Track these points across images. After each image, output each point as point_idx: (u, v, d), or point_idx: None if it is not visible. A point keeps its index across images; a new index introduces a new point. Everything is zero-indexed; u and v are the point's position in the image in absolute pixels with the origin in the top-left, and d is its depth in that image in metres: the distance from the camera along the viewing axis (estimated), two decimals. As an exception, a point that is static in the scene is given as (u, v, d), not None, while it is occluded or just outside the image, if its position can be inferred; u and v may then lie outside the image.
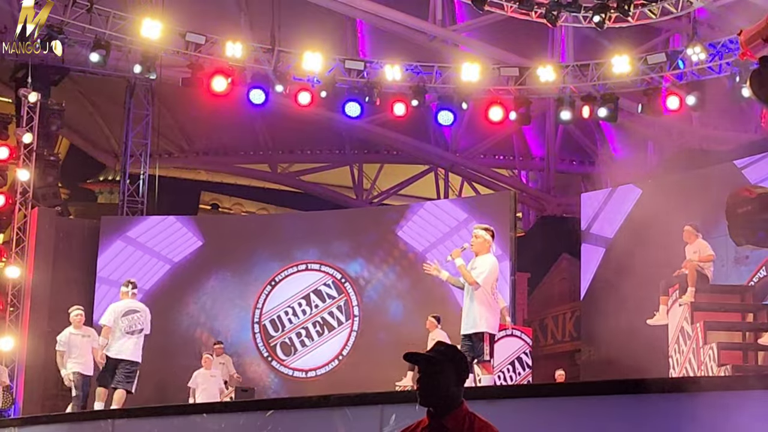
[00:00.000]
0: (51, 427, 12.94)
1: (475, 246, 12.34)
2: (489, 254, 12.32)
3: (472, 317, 12.02)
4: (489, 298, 12.05)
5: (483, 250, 12.30)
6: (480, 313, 11.98)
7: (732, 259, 20.34)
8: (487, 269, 12.10)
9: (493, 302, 12.14)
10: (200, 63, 24.06)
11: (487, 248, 12.32)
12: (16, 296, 22.80)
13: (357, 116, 25.27)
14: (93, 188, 36.79)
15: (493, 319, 12.07)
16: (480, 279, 12.01)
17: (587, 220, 23.79)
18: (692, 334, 16.29)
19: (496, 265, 12.26)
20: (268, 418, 9.65)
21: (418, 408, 5.53)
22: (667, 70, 23.48)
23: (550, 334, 28.58)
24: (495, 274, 12.20)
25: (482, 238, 12.31)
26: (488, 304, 12.03)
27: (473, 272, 12.11)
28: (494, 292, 12.21)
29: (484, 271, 12.07)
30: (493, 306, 12.13)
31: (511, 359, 20.12)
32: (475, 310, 12.01)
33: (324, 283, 24.59)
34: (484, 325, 11.95)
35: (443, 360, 5.47)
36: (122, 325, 16.52)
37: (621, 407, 7.25)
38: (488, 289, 12.05)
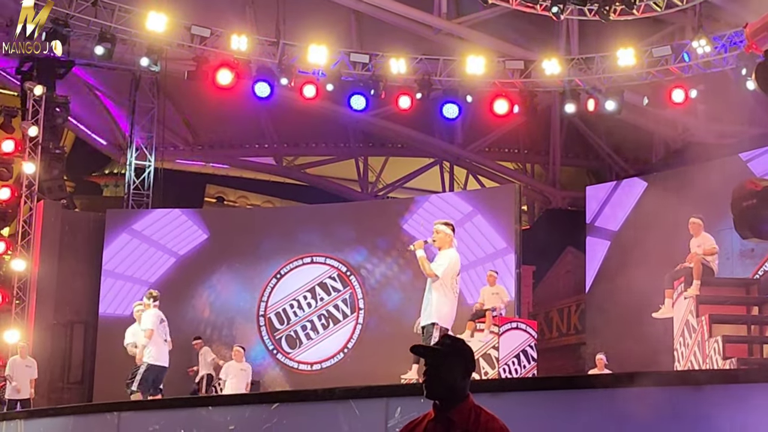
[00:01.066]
0: (57, 419, 12.97)
1: (437, 241, 12.38)
2: (451, 248, 12.36)
3: (427, 309, 12.08)
4: (447, 291, 12.09)
5: (445, 245, 12.34)
6: (436, 304, 12.04)
7: (737, 253, 20.34)
8: (446, 263, 12.14)
9: (451, 295, 12.15)
10: (205, 56, 24.07)
11: (449, 242, 12.36)
12: (22, 289, 22.84)
13: (362, 109, 25.28)
14: (98, 181, 36.83)
15: (447, 312, 12.11)
16: (439, 271, 12.05)
17: (592, 213, 23.79)
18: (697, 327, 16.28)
19: (457, 259, 12.31)
20: (273, 411, 9.67)
21: (423, 401, 5.53)
22: (672, 63, 23.45)
23: (555, 327, 28.58)
24: (455, 268, 12.25)
25: (443, 233, 12.37)
26: (445, 297, 12.07)
27: (433, 265, 12.09)
28: (454, 287, 12.22)
29: (443, 264, 12.12)
30: (450, 299, 12.15)
31: (516, 352, 20.10)
32: (431, 302, 12.08)
33: (329, 276, 24.62)
34: (435, 316, 12.00)
35: (450, 353, 5.47)
36: (161, 332, 16.58)
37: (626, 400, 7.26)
38: (447, 283, 12.08)
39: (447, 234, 12.37)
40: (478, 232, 23.66)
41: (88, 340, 24.02)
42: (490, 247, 23.40)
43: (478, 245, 23.59)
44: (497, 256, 23.10)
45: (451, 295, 12.15)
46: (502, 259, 22.97)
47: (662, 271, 18.17)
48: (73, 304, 24.16)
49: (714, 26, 24.08)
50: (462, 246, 23.64)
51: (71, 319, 23.87)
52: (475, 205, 24.03)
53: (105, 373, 23.25)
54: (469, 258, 23.61)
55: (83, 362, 23.92)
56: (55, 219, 24.05)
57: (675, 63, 23.41)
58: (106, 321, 23.93)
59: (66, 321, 23.83)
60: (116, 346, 23.48)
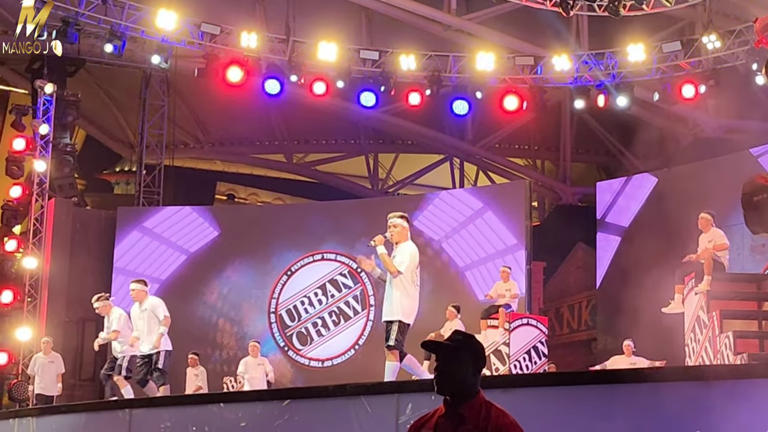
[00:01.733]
0: (69, 416, 13.01)
1: (394, 236, 12.23)
2: (408, 242, 12.24)
3: (389, 305, 12.01)
4: (408, 286, 12.00)
5: (402, 238, 12.22)
6: (398, 300, 11.95)
7: (748, 248, 20.31)
8: (407, 258, 12.03)
9: (412, 290, 12.08)
10: (215, 53, 24.09)
11: (406, 236, 12.26)
12: (34, 287, 22.91)
13: (372, 106, 25.26)
14: (109, 179, 36.87)
15: (409, 308, 12.04)
16: (402, 268, 11.95)
17: (603, 209, 23.77)
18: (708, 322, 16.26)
19: (415, 252, 12.20)
20: (284, 408, 9.69)
21: (434, 397, 5.55)
22: (682, 59, 23.42)
23: (566, 323, 28.58)
24: (415, 261, 12.14)
25: (400, 227, 12.25)
26: (406, 292, 11.99)
27: (394, 260, 12.04)
28: (415, 280, 12.15)
29: (404, 261, 12.00)
30: (411, 294, 12.08)
31: (527, 348, 20.11)
32: (393, 298, 11.99)
33: (340, 272, 24.65)
34: (399, 313, 11.92)
35: (461, 348, 5.48)
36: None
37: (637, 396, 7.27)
38: (408, 277, 12.00)
39: (404, 227, 12.27)
40: (489, 229, 23.68)
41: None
42: (500, 244, 23.41)
43: (488, 241, 23.61)
44: (508, 253, 23.12)
45: (413, 289, 12.07)
46: (512, 256, 22.97)
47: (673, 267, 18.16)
48: (85, 301, 24.03)
49: (724, 21, 24.04)
50: (473, 242, 23.87)
51: (83, 317, 23.88)
52: (486, 202, 24.04)
53: (117, 371, 23.29)
54: (479, 254, 23.66)
55: (95, 359, 23.93)
56: (66, 217, 24.11)
57: (685, 58, 23.37)
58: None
59: (77, 318, 23.88)
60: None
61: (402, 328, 11.95)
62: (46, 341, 20.43)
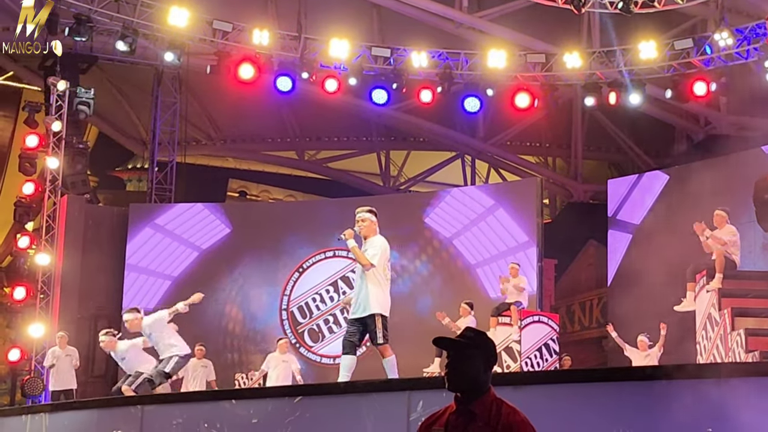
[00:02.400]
0: (81, 413, 13.04)
1: (363, 230, 12.26)
2: (378, 235, 12.27)
3: (363, 300, 11.98)
4: (381, 280, 12.01)
5: (371, 233, 12.25)
6: (372, 294, 11.94)
7: (760, 246, 20.27)
8: (379, 251, 12.06)
9: (384, 283, 12.10)
10: (227, 51, 24.12)
11: (374, 230, 12.29)
12: (46, 283, 22.97)
13: (384, 103, 25.26)
14: (122, 176, 36.97)
15: (384, 300, 12.03)
16: (375, 261, 11.97)
17: (614, 207, 23.75)
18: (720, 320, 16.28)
19: (386, 245, 12.22)
20: (296, 404, 9.71)
21: (445, 394, 5.56)
22: (694, 56, 23.38)
23: (578, 321, 28.56)
24: (386, 254, 12.19)
25: (369, 221, 12.28)
26: (380, 286, 11.99)
27: (366, 254, 12.04)
28: (386, 273, 12.19)
29: (377, 253, 12.02)
30: (384, 287, 12.08)
31: (538, 345, 20.12)
32: (366, 292, 11.98)
33: (351, 269, 24.62)
34: (376, 306, 11.90)
35: (472, 345, 5.49)
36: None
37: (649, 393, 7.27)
38: (380, 270, 12.01)
39: (372, 222, 12.29)
40: (500, 226, 23.67)
41: (111, 333, 24.10)
42: (512, 241, 23.41)
43: (500, 239, 23.61)
44: (519, 250, 23.11)
45: (385, 282, 12.09)
46: (524, 253, 22.97)
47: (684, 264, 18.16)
48: (97, 298, 24.28)
49: (736, 18, 24.00)
50: (484, 240, 23.87)
51: (95, 313, 23.97)
52: (497, 199, 24.03)
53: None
54: (491, 251, 23.65)
55: (107, 356, 23.97)
56: (78, 213, 24.16)
57: (697, 56, 23.32)
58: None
59: (90, 315, 23.94)
60: (140, 340, 23.57)
61: (385, 323, 11.99)
62: (61, 335, 20.51)
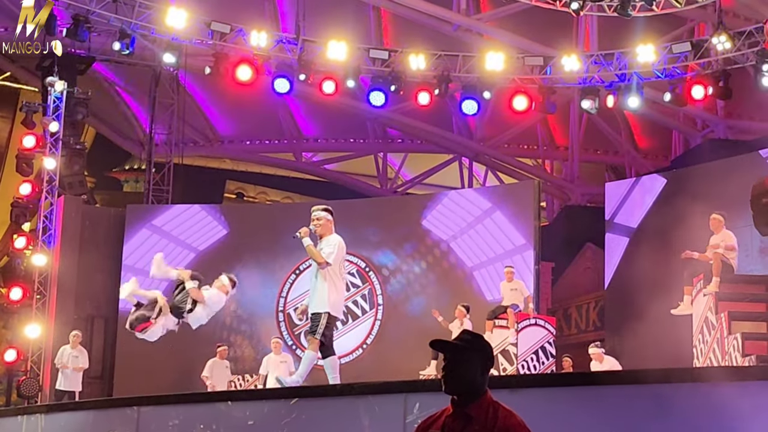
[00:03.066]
0: (77, 414, 13.03)
1: (319, 229, 12.19)
2: (333, 234, 12.25)
3: (317, 296, 12.01)
4: (335, 279, 12.01)
5: (327, 231, 12.21)
6: (326, 293, 11.95)
7: (757, 249, 20.28)
8: (335, 249, 12.03)
9: (339, 282, 12.09)
10: (225, 52, 24.11)
11: (330, 228, 12.25)
12: (43, 284, 22.94)
13: (381, 105, 25.25)
14: (119, 177, 36.99)
15: (336, 299, 12.05)
16: (330, 259, 11.95)
17: (611, 210, 23.75)
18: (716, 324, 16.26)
19: (342, 243, 12.19)
20: (292, 406, 9.70)
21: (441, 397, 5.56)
22: (692, 60, 23.39)
23: (574, 324, 28.55)
24: (342, 253, 12.18)
25: (324, 220, 12.22)
26: (334, 285, 11.99)
27: (322, 252, 12.03)
28: (341, 272, 12.18)
29: (333, 252, 11.99)
30: (338, 285, 12.10)
31: (534, 348, 20.13)
32: (321, 290, 11.99)
33: (348, 272, 24.59)
34: (327, 305, 11.93)
35: (469, 348, 5.49)
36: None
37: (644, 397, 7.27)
38: (335, 269, 12.01)
39: (328, 220, 12.24)
40: (497, 229, 23.67)
41: (108, 334, 24.10)
42: (509, 244, 23.40)
43: (497, 241, 23.61)
44: (516, 253, 23.10)
45: (339, 282, 12.10)
46: (521, 256, 22.97)
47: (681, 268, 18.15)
48: (94, 298, 24.25)
49: (734, 22, 24.02)
50: (481, 242, 23.87)
51: (91, 314, 23.96)
52: (494, 202, 24.03)
53: (125, 368, 23.35)
54: (488, 254, 23.64)
55: (103, 357, 24.01)
56: (75, 214, 24.14)
57: (695, 59, 23.33)
58: (126, 316, 23.92)
59: (86, 316, 23.92)
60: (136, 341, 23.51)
61: (330, 321, 11.99)
62: (75, 334, 20.54)
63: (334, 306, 12.03)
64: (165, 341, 21.07)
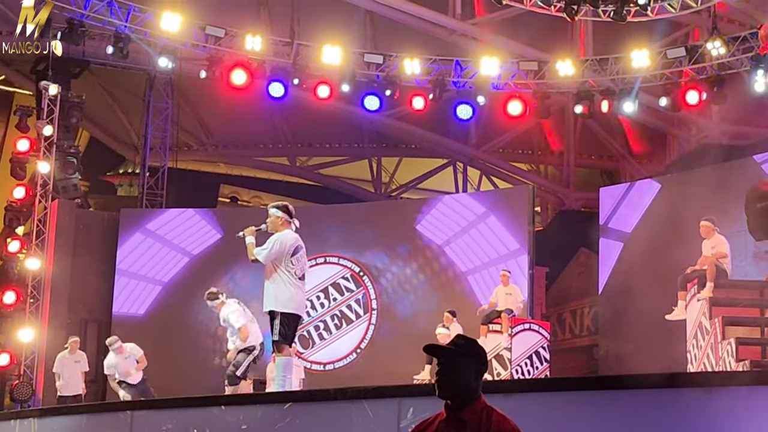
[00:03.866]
0: (70, 417, 13.00)
1: (269, 226, 12.05)
2: (280, 231, 11.96)
3: (264, 296, 11.88)
4: (282, 275, 11.74)
5: (276, 228, 11.99)
6: (271, 291, 11.80)
7: (751, 254, 20.29)
8: (269, 245, 11.80)
9: (288, 278, 11.76)
10: (220, 56, 24.09)
11: (279, 225, 11.99)
12: (36, 288, 22.89)
13: (376, 110, 25.23)
14: (113, 181, 36.94)
15: (285, 297, 11.74)
16: (261, 256, 11.79)
17: (606, 215, 23.75)
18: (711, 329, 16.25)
19: (282, 240, 11.83)
20: (286, 411, 9.68)
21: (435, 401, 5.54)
22: (686, 65, 23.41)
23: (568, 329, 28.57)
24: (285, 249, 11.81)
25: (274, 217, 12.03)
26: (281, 282, 11.73)
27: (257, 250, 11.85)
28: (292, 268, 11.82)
29: (265, 248, 11.81)
30: (288, 282, 11.76)
31: (528, 353, 20.12)
32: (267, 289, 11.86)
33: (342, 276, 24.63)
34: (272, 303, 11.75)
35: (463, 353, 5.48)
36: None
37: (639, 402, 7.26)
38: (280, 266, 11.76)
39: (277, 217, 12.02)
40: (492, 233, 23.68)
41: (101, 338, 24.00)
42: (503, 248, 23.41)
43: (491, 246, 23.61)
44: (510, 257, 23.11)
45: (288, 277, 11.77)
46: (515, 260, 22.97)
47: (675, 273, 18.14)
48: (87, 303, 24.23)
49: (728, 28, 24.04)
50: (475, 247, 23.86)
51: (85, 318, 23.93)
52: (489, 206, 24.03)
53: (118, 372, 23.32)
54: (482, 259, 23.65)
55: (97, 361, 23.93)
56: (69, 218, 24.11)
57: (689, 64, 23.35)
58: (119, 320, 24.00)
59: (80, 320, 23.89)
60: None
61: (285, 320, 11.74)
62: (74, 340, 20.52)
63: (282, 304, 11.73)
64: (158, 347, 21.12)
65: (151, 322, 24.15)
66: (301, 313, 12.01)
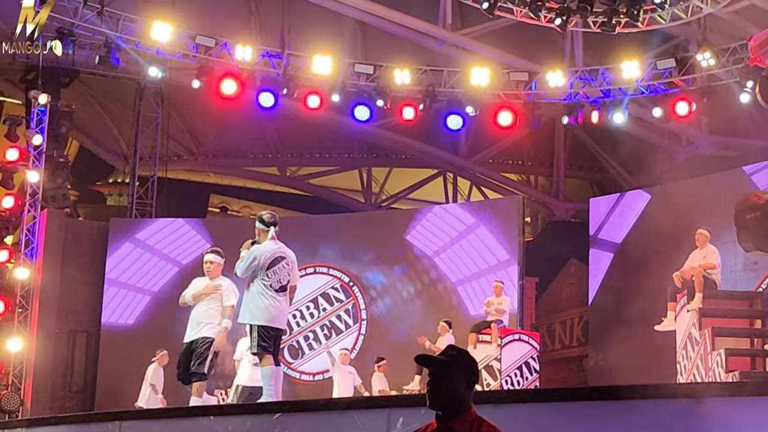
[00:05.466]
0: (59, 428, 12.96)
1: (258, 237, 11.98)
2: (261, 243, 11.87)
3: (241, 308, 11.84)
4: (257, 287, 11.64)
5: (261, 239, 11.93)
6: (246, 303, 11.73)
7: (740, 265, 20.31)
8: (246, 260, 11.72)
9: (263, 289, 11.64)
10: (210, 66, 24.08)
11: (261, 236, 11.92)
12: (25, 297, 22.82)
13: (366, 120, 25.24)
14: (102, 190, 36.84)
15: (258, 310, 11.61)
16: (237, 269, 11.78)
17: (596, 225, 23.78)
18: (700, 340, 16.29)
19: (261, 251, 11.72)
20: (275, 421, 9.66)
21: (425, 412, 5.53)
22: (676, 76, 23.46)
23: (558, 339, 28.55)
24: (261, 261, 11.68)
25: (257, 229, 11.99)
26: (257, 294, 11.62)
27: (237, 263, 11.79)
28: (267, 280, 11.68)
29: (241, 261, 11.75)
30: (263, 294, 11.63)
31: (518, 364, 20.10)
32: (244, 301, 11.80)
33: (332, 286, 24.61)
34: (248, 316, 11.64)
35: (454, 363, 5.48)
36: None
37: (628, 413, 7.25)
38: (256, 278, 11.68)
39: (258, 229, 11.96)
40: (482, 244, 23.68)
41: (90, 348, 24.03)
42: (493, 259, 23.41)
43: (481, 257, 23.61)
44: (500, 268, 23.11)
45: (262, 288, 11.64)
46: (505, 271, 22.97)
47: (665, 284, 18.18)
48: (76, 312, 24.17)
49: (718, 39, 24.09)
50: (465, 257, 23.86)
51: (74, 328, 23.87)
52: (479, 217, 24.04)
53: (107, 382, 23.27)
54: (472, 269, 23.64)
55: (85, 371, 23.92)
56: (58, 227, 24.06)
57: (679, 76, 23.40)
58: (108, 330, 23.96)
59: (68, 329, 23.83)
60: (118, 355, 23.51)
61: (262, 332, 11.58)
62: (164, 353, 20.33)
63: (257, 316, 11.61)
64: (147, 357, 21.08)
65: (141, 332, 24.08)
66: (278, 324, 11.81)
